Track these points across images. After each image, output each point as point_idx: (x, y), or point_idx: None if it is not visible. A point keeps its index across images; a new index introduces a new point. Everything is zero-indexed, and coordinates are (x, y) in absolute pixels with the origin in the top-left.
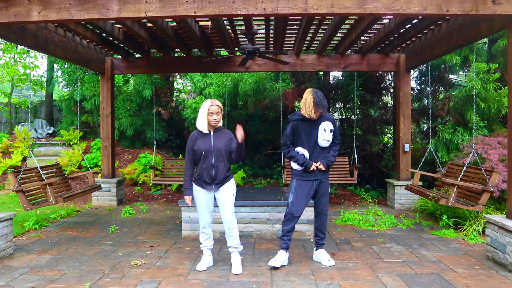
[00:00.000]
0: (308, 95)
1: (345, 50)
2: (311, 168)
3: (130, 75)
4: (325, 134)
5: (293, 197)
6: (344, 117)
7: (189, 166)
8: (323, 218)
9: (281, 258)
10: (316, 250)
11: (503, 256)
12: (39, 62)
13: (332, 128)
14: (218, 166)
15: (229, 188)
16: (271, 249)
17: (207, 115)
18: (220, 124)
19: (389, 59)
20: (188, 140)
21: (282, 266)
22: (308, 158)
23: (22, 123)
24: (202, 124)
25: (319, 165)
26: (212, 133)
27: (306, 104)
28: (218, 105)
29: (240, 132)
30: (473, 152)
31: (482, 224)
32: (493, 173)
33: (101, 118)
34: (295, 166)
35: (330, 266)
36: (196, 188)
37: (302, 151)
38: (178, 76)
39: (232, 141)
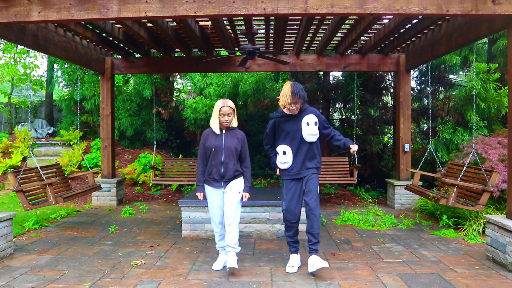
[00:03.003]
0: (286, 86)
1: (345, 50)
2: (277, 173)
3: (130, 75)
4: (309, 128)
5: (285, 204)
6: (344, 117)
7: (201, 163)
8: (312, 219)
9: (295, 262)
10: (310, 256)
11: (503, 256)
12: (39, 62)
13: (317, 121)
14: (228, 163)
15: (237, 185)
16: (271, 249)
17: (218, 116)
18: (235, 124)
19: (389, 59)
20: (201, 138)
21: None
22: (292, 155)
23: (22, 123)
24: (214, 124)
25: (277, 172)
26: (224, 131)
27: (284, 94)
28: (230, 106)
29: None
30: (473, 152)
31: (482, 224)
32: (493, 173)
33: (101, 118)
34: (280, 165)
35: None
36: (207, 188)
37: (285, 148)
38: (178, 76)
39: (243, 145)
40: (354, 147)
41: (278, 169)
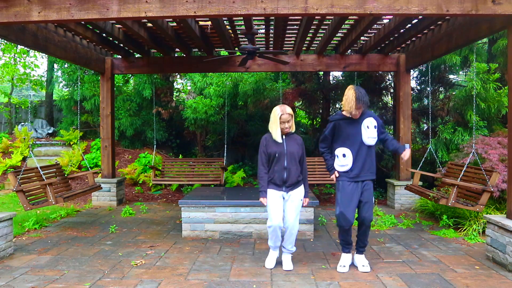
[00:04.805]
0: (349, 91)
1: (345, 50)
2: (331, 177)
3: (130, 75)
4: (369, 132)
5: (339, 209)
6: None
7: (263, 169)
8: (365, 229)
9: (347, 262)
10: (355, 254)
11: (503, 256)
12: (39, 62)
13: (376, 124)
14: (290, 168)
15: (299, 194)
16: None
17: (279, 124)
18: (293, 129)
19: (389, 59)
20: (261, 143)
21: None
22: (352, 158)
23: (22, 123)
24: (275, 132)
25: (334, 175)
26: (284, 137)
27: (348, 99)
28: (289, 113)
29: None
30: (473, 152)
31: (482, 224)
32: (493, 173)
33: (101, 118)
34: (339, 168)
35: (364, 272)
36: (268, 191)
37: (345, 151)
38: (178, 76)
39: (302, 150)
40: (406, 155)
41: (335, 172)
